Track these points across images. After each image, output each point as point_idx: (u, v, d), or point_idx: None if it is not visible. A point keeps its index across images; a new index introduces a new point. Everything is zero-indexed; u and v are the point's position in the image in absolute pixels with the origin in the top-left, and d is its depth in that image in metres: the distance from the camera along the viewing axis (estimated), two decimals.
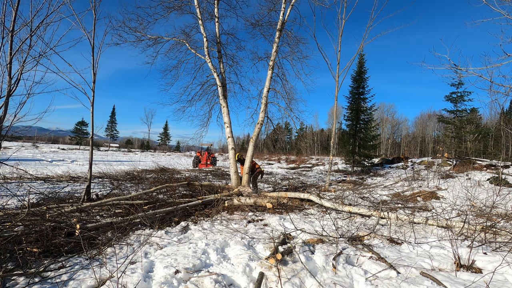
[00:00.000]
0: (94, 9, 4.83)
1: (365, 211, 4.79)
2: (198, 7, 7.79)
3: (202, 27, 7.93)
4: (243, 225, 4.10)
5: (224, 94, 7.93)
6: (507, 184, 7.74)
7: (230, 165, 7.62)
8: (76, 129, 49.64)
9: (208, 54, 7.97)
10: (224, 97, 7.89)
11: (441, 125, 21.70)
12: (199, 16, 7.86)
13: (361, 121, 16.80)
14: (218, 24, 8.08)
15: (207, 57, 7.95)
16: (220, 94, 7.91)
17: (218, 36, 8.13)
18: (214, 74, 7.93)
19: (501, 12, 3.94)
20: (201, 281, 2.27)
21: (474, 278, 2.38)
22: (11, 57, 3.66)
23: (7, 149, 18.28)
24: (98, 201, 4.41)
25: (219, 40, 8.15)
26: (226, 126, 7.83)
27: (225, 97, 7.92)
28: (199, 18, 7.87)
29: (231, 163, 7.60)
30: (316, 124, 56.61)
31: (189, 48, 8.19)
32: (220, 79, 7.98)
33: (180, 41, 8.22)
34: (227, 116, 7.83)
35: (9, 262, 2.37)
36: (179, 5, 7.89)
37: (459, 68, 4.45)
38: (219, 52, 8.20)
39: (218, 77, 7.94)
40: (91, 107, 4.80)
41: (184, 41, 8.18)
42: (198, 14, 7.85)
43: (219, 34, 8.13)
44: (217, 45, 8.16)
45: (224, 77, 8.15)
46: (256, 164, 7.57)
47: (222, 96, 7.86)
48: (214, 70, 7.92)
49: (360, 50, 9.27)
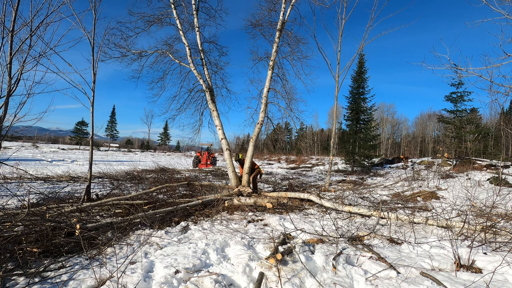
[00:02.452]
0: (94, 9, 4.83)
1: (365, 211, 4.79)
2: (177, 19, 8.03)
3: (184, 37, 8.18)
4: (243, 225, 4.10)
5: (212, 99, 8.11)
6: (507, 184, 7.74)
7: (227, 165, 7.74)
8: (76, 129, 49.63)
9: (192, 62, 8.19)
10: (212, 101, 8.07)
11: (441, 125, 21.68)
12: (179, 27, 8.11)
13: (361, 121, 16.80)
14: (199, 33, 8.31)
15: (192, 65, 8.17)
16: (208, 99, 8.08)
17: (200, 45, 8.35)
18: (200, 80, 8.15)
19: (501, 12, 3.94)
20: (201, 281, 2.27)
21: (474, 278, 2.38)
22: (11, 57, 3.66)
23: (7, 149, 18.28)
24: (98, 201, 4.41)
25: (201, 48, 8.37)
26: (218, 129, 7.99)
27: (213, 101, 8.09)
28: (180, 29, 8.11)
29: (227, 164, 7.72)
30: (316, 124, 56.66)
31: (173, 58, 8.41)
32: (207, 85, 8.18)
33: (163, 53, 8.42)
34: (217, 119, 7.98)
35: (9, 262, 2.37)
36: (158, 18, 8.11)
37: (459, 68, 4.45)
38: (202, 59, 8.40)
39: (204, 83, 8.15)
40: (91, 107, 4.80)
41: (168, 52, 8.39)
42: (179, 25, 8.11)
43: (201, 43, 8.36)
44: (200, 53, 8.38)
45: (210, 83, 8.31)
46: (255, 164, 7.58)
47: (210, 100, 8.04)
48: (199, 76, 8.13)
49: (360, 50, 9.27)
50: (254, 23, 8.37)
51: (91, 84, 4.81)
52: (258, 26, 8.35)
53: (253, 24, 8.38)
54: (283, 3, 7.60)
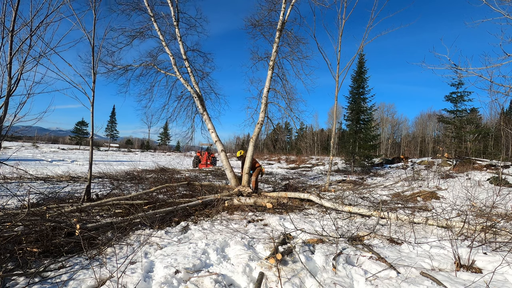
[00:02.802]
0: (94, 9, 4.83)
1: (365, 211, 4.79)
2: (159, 30, 8.23)
3: (167, 47, 8.38)
4: (243, 225, 4.09)
5: (202, 103, 8.28)
6: (507, 184, 7.74)
7: (224, 166, 7.81)
8: (76, 129, 49.65)
9: (178, 70, 8.36)
10: (202, 106, 8.23)
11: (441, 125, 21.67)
12: (161, 38, 8.31)
13: (361, 121, 16.79)
14: (181, 43, 8.47)
15: (178, 74, 8.35)
16: (198, 104, 8.24)
17: (184, 53, 8.53)
18: (188, 87, 8.32)
19: (501, 12, 3.94)
20: (201, 281, 2.27)
21: (474, 278, 2.38)
22: (11, 57, 3.66)
23: (7, 149, 18.28)
24: (98, 201, 4.41)
25: (185, 57, 8.54)
26: (211, 132, 8.09)
27: (203, 106, 8.24)
28: (162, 40, 8.31)
29: (224, 165, 7.78)
30: (316, 124, 56.66)
31: (159, 69, 8.59)
32: (195, 91, 8.30)
33: (149, 65, 8.56)
34: (210, 123, 8.11)
35: (9, 262, 2.37)
36: (140, 31, 8.29)
37: (459, 68, 4.45)
38: (188, 67, 8.54)
39: (192, 89, 8.31)
40: (91, 107, 4.80)
41: (152, 64, 8.54)
42: (161, 36, 8.31)
43: (184, 51, 8.54)
44: (185, 62, 8.52)
45: (198, 89, 8.43)
46: (256, 162, 7.59)
47: (200, 105, 8.20)
48: (186, 84, 8.33)
49: (360, 50, 9.26)
50: (254, 23, 8.37)
51: (91, 84, 4.81)
52: (258, 26, 8.36)
53: (253, 24, 8.39)
54: (283, 3, 7.60)
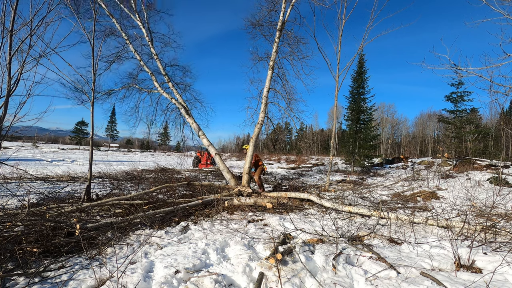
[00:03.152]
0: (94, 9, 4.83)
1: (365, 211, 4.79)
2: (135, 52, 8.52)
3: (146, 66, 8.64)
4: (243, 225, 4.09)
5: (188, 113, 8.55)
6: (507, 184, 7.74)
7: (221, 169, 7.91)
8: (76, 129, 49.66)
9: (160, 86, 8.63)
10: (189, 115, 8.50)
11: (441, 125, 21.68)
12: (139, 58, 8.53)
13: (361, 121, 16.78)
14: (158, 60, 8.70)
15: (160, 89, 8.64)
16: (184, 114, 8.49)
17: (163, 69, 8.74)
18: (172, 100, 8.63)
19: (501, 12, 3.94)
20: (201, 281, 2.27)
21: (474, 278, 2.38)
22: (10, 57, 3.66)
23: (7, 149, 18.28)
24: (98, 201, 4.41)
25: (165, 73, 8.81)
26: (202, 138, 8.33)
27: (190, 115, 8.58)
28: (140, 59, 8.57)
29: (220, 167, 7.89)
30: (316, 124, 56.68)
31: (141, 88, 8.84)
32: (179, 103, 8.56)
33: (131, 86, 8.78)
34: (199, 130, 8.39)
35: (9, 262, 2.37)
36: (117, 55, 8.45)
37: (459, 68, 4.45)
38: (169, 82, 8.78)
39: (176, 101, 8.60)
40: (91, 107, 4.80)
41: (133, 84, 8.76)
42: (138, 57, 8.52)
43: (163, 68, 8.73)
44: (165, 77, 8.76)
45: (182, 100, 8.65)
46: (260, 160, 7.59)
47: (187, 115, 8.47)
48: (170, 97, 8.65)
49: (360, 50, 9.25)
50: (254, 23, 8.37)
51: (91, 84, 4.81)
52: (258, 26, 8.35)
53: (253, 24, 8.39)
54: (283, 3, 7.60)
